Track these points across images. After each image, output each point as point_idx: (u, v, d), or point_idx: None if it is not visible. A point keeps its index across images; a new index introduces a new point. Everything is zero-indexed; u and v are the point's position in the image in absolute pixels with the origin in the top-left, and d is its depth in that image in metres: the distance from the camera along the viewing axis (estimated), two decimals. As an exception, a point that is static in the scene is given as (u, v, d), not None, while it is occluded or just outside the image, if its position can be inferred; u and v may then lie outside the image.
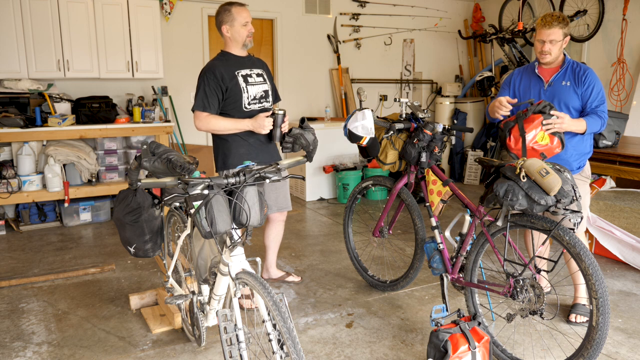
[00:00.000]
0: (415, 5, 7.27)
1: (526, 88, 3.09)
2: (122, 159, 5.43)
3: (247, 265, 2.06)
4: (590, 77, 2.94)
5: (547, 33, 2.91)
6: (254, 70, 3.15)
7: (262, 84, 3.14)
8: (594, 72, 2.99)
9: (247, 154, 3.07)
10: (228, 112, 3.06)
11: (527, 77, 3.10)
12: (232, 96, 3.03)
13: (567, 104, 2.95)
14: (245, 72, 3.10)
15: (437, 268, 2.89)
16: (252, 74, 3.12)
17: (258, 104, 3.12)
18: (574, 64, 3.00)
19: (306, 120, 3.03)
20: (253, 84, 3.10)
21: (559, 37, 2.91)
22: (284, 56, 6.56)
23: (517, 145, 2.71)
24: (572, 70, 2.97)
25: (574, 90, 2.94)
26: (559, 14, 2.97)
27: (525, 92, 3.10)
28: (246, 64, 3.14)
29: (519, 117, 2.74)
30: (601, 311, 2.15)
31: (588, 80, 2.93)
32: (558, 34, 2.90)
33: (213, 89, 2.99)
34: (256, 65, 3.20)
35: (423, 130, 2.94)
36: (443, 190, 2.95)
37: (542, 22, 2.94)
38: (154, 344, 2.78)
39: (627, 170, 3.87)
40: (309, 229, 5.01)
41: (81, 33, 5.10)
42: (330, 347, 2.74)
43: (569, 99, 2.95)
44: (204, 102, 2.99)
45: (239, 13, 3.02)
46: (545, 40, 2.92)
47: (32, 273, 3.82)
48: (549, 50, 2.93)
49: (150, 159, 2.04)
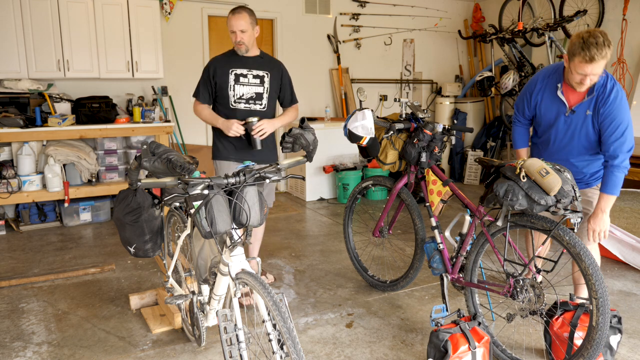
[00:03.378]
0: (415, 5, 7.27)
1: (547, 110, 2.71)
2: (122, 159, 5.43)
3: (247, 265, 2.06)
4: (610, 108, 2.46)
5: (590, 68, 2.38)
6: (254, 71, 3.17)
7: (256, 86, 3.16)
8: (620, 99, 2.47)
9: (229, 149, 3.20)
10: (217, 106, 3.23)
11: (549, 95, 2.69)
12: (220, 92, 3.17)
13: (587, 135, 2.60)
14: (241, 71, 3.14)
15: (437, 268, 2.89)
16: (248, 74, 3.15)
17: (245, 104, 3.16)
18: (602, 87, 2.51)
19: (306, 120, 3.03)
20: (245, 84, 3.14)
21: (602, 69, 2.42)
22: (284, 56, 6.56)
23: None
24: (598, 95, 2.52)
25: (593, 121, 2.56)
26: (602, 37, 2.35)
27: (545, 114, 2.73)
28: (247, 64, 3.17)
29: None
30: (601, 311, 2.15)
31: (607, 110, 2.47)
32: (601, 67, 2.39)
33: (205, 81, 3.20)
34: (262, 67, 3.19)
35: (423, 130, 2.94)
36: (443, 190, 2.95)
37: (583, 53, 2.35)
38: (154, 344, 2.78)
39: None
40: (309, 229, 5.01)
41: (81, 33, 5.10)
42: (330, 347, 2.74)
43: (590, 131, 2.59)
44: (198, 90, 3.24)
45: (228, 20, 3.14)
46: (587, 74, 2.42)
47: (32, 273, 3.82)
48: (590, 83, 2.48)
49: (150, 159, 2.03)
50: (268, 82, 3.21)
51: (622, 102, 2.48)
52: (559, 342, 2.44)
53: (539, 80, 2.74)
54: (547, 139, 2.79)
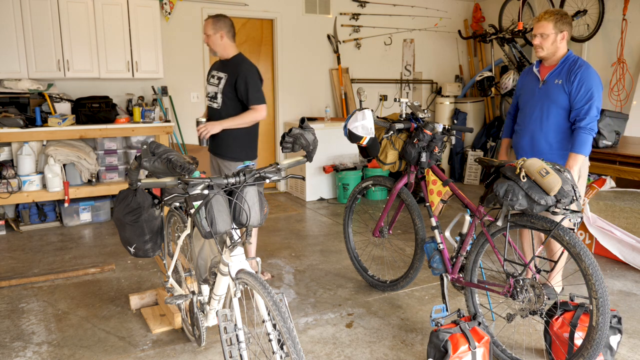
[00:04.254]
0: (415, 5, 7.27)
1: (524, 87, 3.16)
2: (122, 159, 5.43)
3: (247, 265, 2.06)
4: (582, 74, 2.86)
5: (537, 27, 2.96)
6: (220, 73, 3.48)
7: (215, 86, 3.47)
8: (591, 69, 2.88)
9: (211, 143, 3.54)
10: None
11: (528, 76, 3.15)
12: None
13: (559, 104, 2.94)
14: (213, 72, 3.54)
15: (437, 268, 2.89)
16: (215, 75, 3.50)
17: (209, 101, 3.54)
18: (573, 60, 2.94)
19: (306, 120, 3.03)
20: (211, 84, 3.52)
21: (549, 31, 2.91)
22: (284, 56, 6.56)
23: None
24: (568, 67, 2.93)
25: (564, 88, 2.91)
26: (555, 10, 2.97)
27: (524, 91, 3.16)
28: (219, 67, 3.52)
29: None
30: (601, 311, 2.15)
31: (578, 76, 2.86)
32: (547, 28, 2.90)
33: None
34: (226, 69, 3.45)
35: (423, 130, 2.94)
36: (443, 190, 2.95)
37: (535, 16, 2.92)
38: (154, 344, 2.78)
39: (627, 170, 3.87)
40: (309, 229, 5.01)
41: (81, 33, 5.10)
42: (330, 347, 2.74)
43: (560, 99, 2.93)
44: None
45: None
46: (536, 34, 2.96)
47: (32, 273, 3.82)
48: (540, 44, 2.96)
49: (150, 159, 2.03)
50: (223, 83, 3.43)
51: (592, 74, 2.86)
52: (559, 342, 2.44)
53: (524, 72, 3.23)
54: (523, 117, 3.13)
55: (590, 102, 2.83)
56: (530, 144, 3.08)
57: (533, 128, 3.05)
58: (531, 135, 3.07)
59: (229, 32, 3.43)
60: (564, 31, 2.93)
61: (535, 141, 3.05)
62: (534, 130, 3.05)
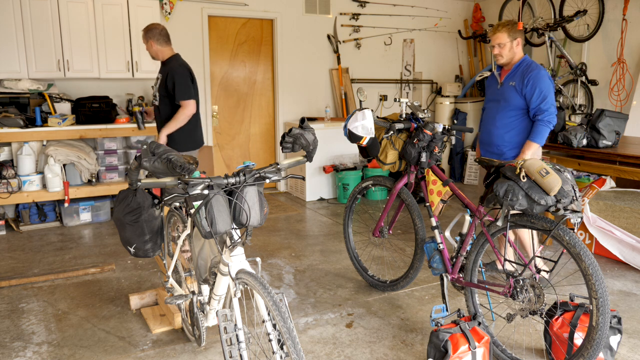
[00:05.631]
0: (415, 5, 7.27)
1: (488, 89, 3.53)
2: (122, 159, 5.43)
3: (247, 265, 2.06)
4: (533, 77, 3.19)
5: (493, 38, 3.32)
6: (159, 74, 3.91)
7: (155, 86, 3.95)
8: (541, 72, 3.21)
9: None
10: None
11: (492, 78, 3.51)
12: None
13: (511, 103, 3.29)
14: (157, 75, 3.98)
15: (437, 268, 2.89)
16: (157, 76, 3.93)
17: (153, 100, 4.00)
18: (526, 65, 3.27)
19: (306, 120, 3.03)
20: (155, 84, 3.96)
21: (505, 40, 3.26)
22: (284, 56, 6.56)
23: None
24: (522, 70, 3.26)
25: (517, 89, 3.25)
26: (506, 21, 3.32)
27: (487, 92, 3.55)
28: (160, 69, 3.95)
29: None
30: (601, 311, 2.15)
31: (531, 80, 3.19)
32: (503, 38, 3.26)
33: None
34: (163, 69, 3.88)
35: (423, 130, 2.94)
36: (443, 190, 2.95)
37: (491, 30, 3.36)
38: (154, 344, 2.78)
39: (627, 170, 3.86)
40: (309, 229, 5.01)
41: (81, 33, 5.10)
42: (330, 347, 2.74)
43: (512, 98, 3.29)
44: None
45: None
46: (494, 44, 3.32)
47: (32, 273, 3.82)
48: (500, 53, 3.31)
49: (150, 159, 2.03)
50: (159, 83, 3.87)
51: (543, 76, 3.20)
52: (559, 342, 2.45)
53: (490, 75, 3.53)
54: (485, 115, 3.51)
55: (544, 100, 3.17)
56: (488, 138, 3.46)
57: (491, 124, 3.43)
58: (488, 131, 3.44)
59: (158, 39, 3.82)
60: (518, 38, 3.28)
61: (492, 136, 3.41)
62: (491, 127, 3.43)
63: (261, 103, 6.64)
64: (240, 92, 6.49)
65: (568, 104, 6.02)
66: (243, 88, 6.50)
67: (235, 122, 6.54)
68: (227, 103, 6.44)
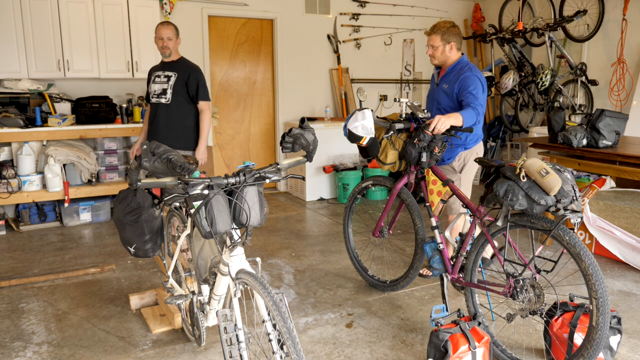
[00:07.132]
0: (415, 5, 7.27)
1: (430, 87, 3.62)
2: (122, 159, 5.43)
3: (247, 265, 2.06)
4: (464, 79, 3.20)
5: (428, 40, 3.37)
6: (166, 72, 3.85)
7: (163, 83, 3.83)
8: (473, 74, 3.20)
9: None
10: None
11: (433, 78, 3.57)
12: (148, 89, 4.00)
13: (440, 103, 3.38)
14: (157, 73, 3.89)
15: (437, 268, 2.89)
16: (161, 74, 3.86)
17: (156, 98, 3.86)
18: (461, 67, 3.28)
19: (306, 120, 3.04)
20: (157, 82, 3.86)
21: (437, 43, 3.30)
22: (283, 56, 6.56)
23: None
24: (457, 71, 3.28)
25: (447, 93, 3.30)
26: (443, 23, 3.32)
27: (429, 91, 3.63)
28: (163, 68, 3.88)
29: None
30: (601, 311, 2.15)
31: (462, 82, 3.21)
32: (436, 41, 3.30)
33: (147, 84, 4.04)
34: (173, 69, 3.85)
35: (423, 131, 2.94)
36: (443, 190, 2.95)
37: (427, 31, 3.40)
38: (154, 344, 2.78)
39: (627, 170, 3.86)
40: (309, 229, 5.01)
41: (81, 33, 5.10)
42: (330, 347, 2.74)
43: (443, 101, 3.36)
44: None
45: (157, 29, 3.83)
46: (427, 45, 3.38)
47: (32, 273, 3.82)
48: (432, 54, 3.36)
49: (150, 159, 2.03)
50: (173, 81, 3.80)
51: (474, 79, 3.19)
52: (559, 342, 2.45)
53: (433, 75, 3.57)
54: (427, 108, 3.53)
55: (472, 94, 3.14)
56: None
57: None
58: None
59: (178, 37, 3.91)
60: (452, 42, 3.29)
61: None
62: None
63: (261, 103, 6.65)
64: (240, 92, 6.49)
65: (568, 104, 6.02)
66: (243, 88, 6.50)
67: (235, 122, 6.54)
68: (227, 103, 6.44)
